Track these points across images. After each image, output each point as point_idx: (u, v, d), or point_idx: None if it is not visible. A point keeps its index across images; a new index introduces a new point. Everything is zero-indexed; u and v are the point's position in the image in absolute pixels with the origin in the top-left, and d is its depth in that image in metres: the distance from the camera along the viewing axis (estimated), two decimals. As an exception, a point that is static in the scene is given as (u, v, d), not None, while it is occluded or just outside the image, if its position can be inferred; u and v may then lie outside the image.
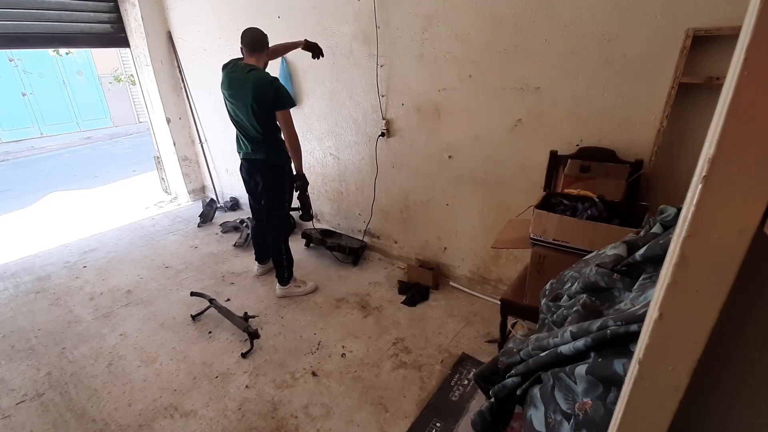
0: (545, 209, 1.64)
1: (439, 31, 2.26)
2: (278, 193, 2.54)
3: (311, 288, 2.79)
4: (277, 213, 2.61)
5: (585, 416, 0.74)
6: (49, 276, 3.22)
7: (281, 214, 2.63)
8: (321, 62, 2.94)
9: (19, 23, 3.53)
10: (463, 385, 1.95)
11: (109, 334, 2.47)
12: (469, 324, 2.41)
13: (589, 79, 1.88)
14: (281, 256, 2.64)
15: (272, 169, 2.48)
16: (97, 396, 2.01)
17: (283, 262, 2.65)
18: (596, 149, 1.91)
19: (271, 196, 2.55)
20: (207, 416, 1.87)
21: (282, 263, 2.65)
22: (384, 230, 3.18)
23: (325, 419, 1.82)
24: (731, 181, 0.40)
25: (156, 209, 4.71)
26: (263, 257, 3.00)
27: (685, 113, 1.68)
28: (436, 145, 2.56)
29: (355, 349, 2.24)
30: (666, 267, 0.48)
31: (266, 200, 2.57)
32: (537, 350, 0.94)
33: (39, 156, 9.09)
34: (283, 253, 2.64)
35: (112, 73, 11.87)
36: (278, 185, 2.52)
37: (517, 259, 2.47)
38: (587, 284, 1.05)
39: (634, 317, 0.74)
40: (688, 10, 1.56)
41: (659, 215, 1.11)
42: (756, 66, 0.36)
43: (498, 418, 1.03)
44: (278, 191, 2.54)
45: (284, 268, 2.67)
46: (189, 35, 3.95)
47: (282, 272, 2.68)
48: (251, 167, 2.54)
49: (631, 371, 0.56)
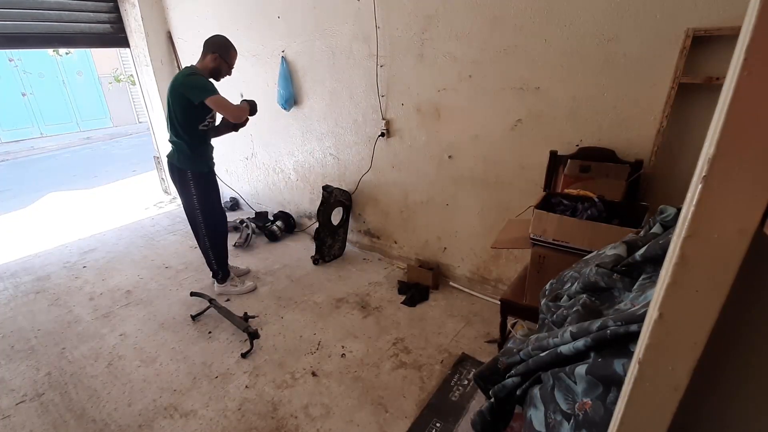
0: (545, 209, 1.64)
1: (439, 31, 2.26)
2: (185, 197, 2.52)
3: (248, 288, 2.81)
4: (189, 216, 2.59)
5: (585, 416, 0.74)
6: (48, 276, 3.22)
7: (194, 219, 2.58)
8: (321, 62, 2.95)
9: (18, 23, 3.52)
10: (463, 385, 1.95)
11: (108, 334, 2.47)
12: (469, 324, 2.41)
13: (589, 79, 1.88)
14: (209, 259, 2.70)
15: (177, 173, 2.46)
16: (97, 396, 2.01)
17: (213, 264, 2.72)
18: (596, 149, 1.91)
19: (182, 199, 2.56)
20: (207, 416, 1.87)
21: (212, 265, 2.73)
22: (384, 230, 3.18)
23: (325, 419, 1.82)
24: (731, 181, 0.40)
25: (156, 209, 4.71)
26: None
27: (685, 113, 1.68)
28: (436, 145, 2.56)
29: (355, 349, 2.24)
30: (666, 267, 0.48)
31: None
32: (537, 350, 0.94)
33: (39, 156, 9.08)
34: (210, 256, 2.68)
35: (112, 73, 11.86)
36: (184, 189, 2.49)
37: (517, 259, 2.47)
38: (587, 284, 1.05)
39: (634, 317, 0.74)
40: (688, 10, 1.56)
41: (659, 215, 1.11)
42: (756, 66, 0.36)
43: (498, 418, 1.03)
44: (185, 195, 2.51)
45: (216, 270, 2.74)
46: (189, 35, 3.95)
47: (215, 273, 2.76)
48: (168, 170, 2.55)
49: (631, 371, 0.56)
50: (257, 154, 3.95)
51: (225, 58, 2.33)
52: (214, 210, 2.63)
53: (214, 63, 2.31)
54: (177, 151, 2.42)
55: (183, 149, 2.39)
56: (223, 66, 2.34)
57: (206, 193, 2.54)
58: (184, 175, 2.44)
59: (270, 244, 3.62)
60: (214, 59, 2.31)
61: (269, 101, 3.45)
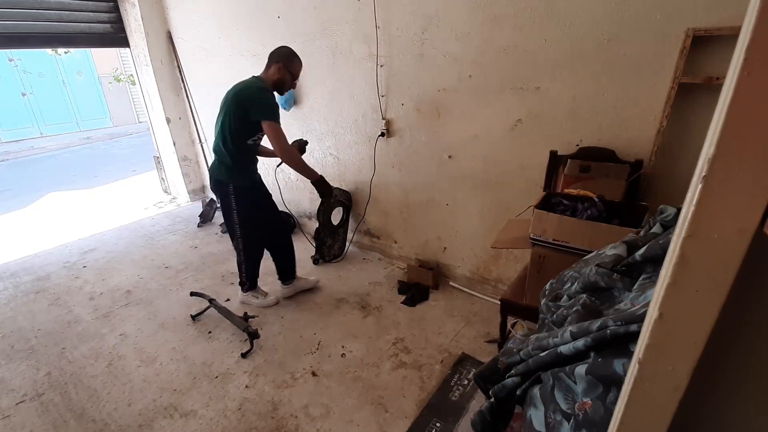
0: (545, 209, 1.64)
1: (439, 31, 2.26)
2: (226, 210, 2.42)
3: (270, 302, 2.67)
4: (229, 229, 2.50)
5: (585, 416, 0.74)
6: (48, 276, 3.22)
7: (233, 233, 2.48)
8: (321, 62, 2.94)
9: (18, 23, 3.52)
10: (463, 385, 1.95)
11: (108, 334, 2.47)
12: (469, 324, 2.41)
13: (589, 79, 1.88)
14: (240, 271, 2.61)
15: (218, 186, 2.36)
16: (97, 396, 2.01)
17: (242, 276, 2.63)
18: (596, 149, 1.91)
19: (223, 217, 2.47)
20: (207, 416, 1.87)
21: (241, 277, 2.64)
22: (384, 230, 3.18)
23: (325, 419, 1.82)
24: (731, 181, 0.40)
25: (156, 209, 4.71)
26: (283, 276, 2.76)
27: (685, 113, 1.68)
28: (436, 145, 2.56)
29: (355, 349, 2.24)
30: (666, 267, 0.48)
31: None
32: (537, 350, 0.94)
33: (39, 156, 9.08)
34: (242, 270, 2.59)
35: (112, 73, 11.87)
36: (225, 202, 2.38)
37: (517, 259, 2.47)
38: (587, 284, 1.05)
39: (634, 317, 0.74)
40: (688, 10, 1.56)
41: (659, 215, 1.11)
42: (756, 66, 0.36)
43: (498, 418, 1.03)
44: (226, 208, 2.40)
45: (243, 282, 2.65)
46: (189, 35, 3.95)
47: (242, 283, 2.65)
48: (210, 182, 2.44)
49: (631, 371, 0.56)
50: (257, 154, 3.94)
51: (290, 68, 2.22)
52: (261, 224, 2.50)
53: (279, 74, 2.19)
54: (220, 162, 2.30)
55: (226, 161, 2.26)
56: (287, 77, 2.23)
57: (248, 209, 2.41)
58: (226, 188, 2.33)
59: (270, 244, 3.62)
60: (279, 69, 2.19)
61: (269, 101, 3.45)
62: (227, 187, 2.32)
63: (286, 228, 2.58)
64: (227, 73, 3.74)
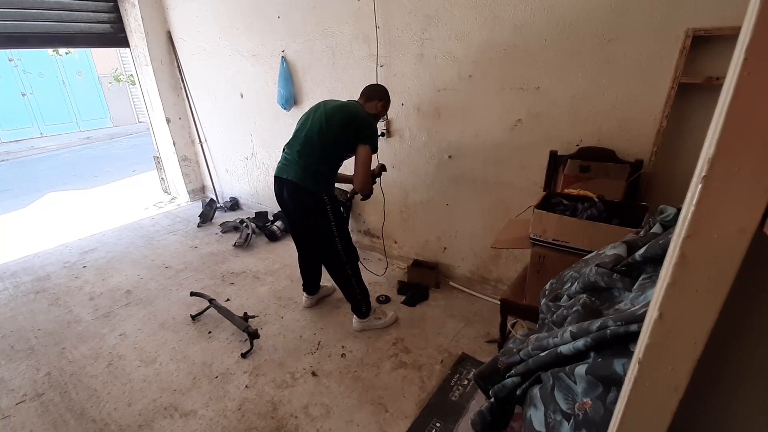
0: (545, 209, 1.64)
1: (439, 31, 2.26)
2: (321, 225, 2.20)
3: (392, 320, 2.47)
4: (326, 247, 2.28)
5: (585, 416, 0.74)
6: (48, 276, 3.22)
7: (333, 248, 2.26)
8: (321, 62, 2.94)
9: (18, 23, 3.52)
10: (463, 385, 1.95)
11: (108, 334, 2.47)
12: (468, 324, 2.41)
13: (589, 79, 1.88)
14: (353, 291, 2.35)
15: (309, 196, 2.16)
16: (97, 396, 2.01)
17: (357, 296, 2.35)
18: (596, 149, 1.91)
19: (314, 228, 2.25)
20: (207, 416, 1.87)
21: (356, 297, 2.36)
22: (384, 230, 3.18)
23: (325, 419, 1.82)
24: (731, 181, 0.40)
25: (156, 209, 4.71)
26: (311, 288, 2.66)
27: (685, 113, 1.68)
28: (436, 145, 2.56)
29: (355, 349, 2.24)
30: (666, 267, 0.48)
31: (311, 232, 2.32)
32: (537, 350, 0.94)
33: (39, 156, 9.09)
34: (354, 287, 2.34)
35: (112, 73, 11.86)
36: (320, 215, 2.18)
37: (517, 259, 2.47)
38: (587, 284, 1.05)
39: (634, 317, 0.74)
40: (688, 10, 1.56)
41: (659, 215, 1.11)
42: (756, 66, 0.36)
43: (498, 418, 1.03)
44: (321, 222, 2.19)
45: (360, 302, 2.36)
46: (189, 35, 3.95)
47: (358, 306, 2.37)
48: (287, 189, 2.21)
49: (631, 371, 0.56)
50: (257, 154, 3.95)
51: (387, 107, 2.31)
52: (349, 237, 2.33)
53: (377, 110, 2.25)
54: (312, 173, 2.12)
55: (323, 171, 2.15)
56: (382, 114, 2.32)
57: (343, 221, 2.27)
58: (319, 198, 2.14)
59: (270, 243, 3.62)
60: (384, 107, 2.27)
61: (269, 101, 3.45)
62: (321, 197, 2.15)
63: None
64: (227, 73, 3.75)
